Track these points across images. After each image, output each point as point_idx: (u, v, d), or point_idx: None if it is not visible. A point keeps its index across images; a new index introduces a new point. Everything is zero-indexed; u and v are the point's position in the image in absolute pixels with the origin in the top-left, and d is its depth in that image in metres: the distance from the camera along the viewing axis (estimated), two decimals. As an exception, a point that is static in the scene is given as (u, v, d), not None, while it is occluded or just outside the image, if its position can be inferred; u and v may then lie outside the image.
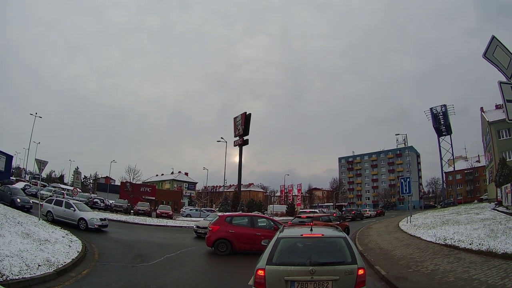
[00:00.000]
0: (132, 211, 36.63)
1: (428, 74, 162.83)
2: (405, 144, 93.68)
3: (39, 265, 7.80)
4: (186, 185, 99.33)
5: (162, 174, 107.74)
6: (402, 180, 26.51)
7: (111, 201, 41.10)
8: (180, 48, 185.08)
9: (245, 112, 53.30)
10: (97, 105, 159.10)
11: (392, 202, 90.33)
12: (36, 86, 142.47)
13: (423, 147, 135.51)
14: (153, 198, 58.96)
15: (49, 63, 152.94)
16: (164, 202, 56.06)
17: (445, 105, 73.28)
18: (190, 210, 46.42)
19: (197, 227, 19.09)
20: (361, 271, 4.76)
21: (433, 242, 12.90)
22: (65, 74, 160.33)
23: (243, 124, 52.13)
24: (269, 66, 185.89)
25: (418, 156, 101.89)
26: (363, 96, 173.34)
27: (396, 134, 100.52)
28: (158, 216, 34.61)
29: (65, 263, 8.70)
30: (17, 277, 6.65)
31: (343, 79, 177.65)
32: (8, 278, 6.43)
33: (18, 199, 20.18)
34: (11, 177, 55.43)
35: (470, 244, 10.82)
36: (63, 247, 10.38)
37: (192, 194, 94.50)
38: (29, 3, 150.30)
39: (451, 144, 71.43)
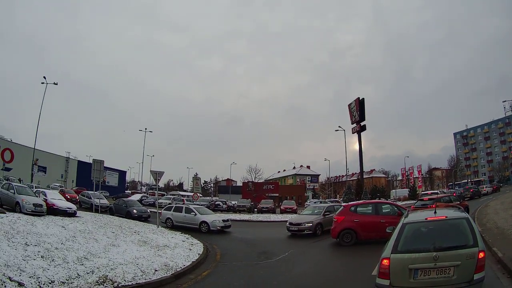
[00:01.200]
0: (255, 209, 38.31)
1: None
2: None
3: (155, 270, 8.05)
4: (308, 178, 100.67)
5: (284, 170, 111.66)
6: (512, 150, 25.76)
7: (233, 202, 43.77)
8: (280, 46, 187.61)
9: (358, 98, 52.29)
10: (208, 114, 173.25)
11: (506, 176, 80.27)
12: (141, 105, 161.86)
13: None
14: (277, 194, 60.84)
15: (150, 81, 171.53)
16: (288, 197, 57.10)
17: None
18: (314, 202, 46.10)
19: (290, 223, 16.50)
20: (481, 254, 4.77)
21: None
22: (167, 89, 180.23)
23: (358, 110, 51.31)
24: (371, 49, 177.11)
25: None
26: (464, 66, 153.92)
27: (503, 101, 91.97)
28: (283, 211, 35.34)
29: (184, 266, 8.96)
30: (130, 283, 6.88)
31: (443, 52, 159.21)
32: (120, 285, 6.64)
33: (134, 210, 21.77)
34: (126, 191, 64.13)
35: None
36: (183, 251, 10.81)
37: (315, 187, 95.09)
38: (113, 31, 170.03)
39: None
